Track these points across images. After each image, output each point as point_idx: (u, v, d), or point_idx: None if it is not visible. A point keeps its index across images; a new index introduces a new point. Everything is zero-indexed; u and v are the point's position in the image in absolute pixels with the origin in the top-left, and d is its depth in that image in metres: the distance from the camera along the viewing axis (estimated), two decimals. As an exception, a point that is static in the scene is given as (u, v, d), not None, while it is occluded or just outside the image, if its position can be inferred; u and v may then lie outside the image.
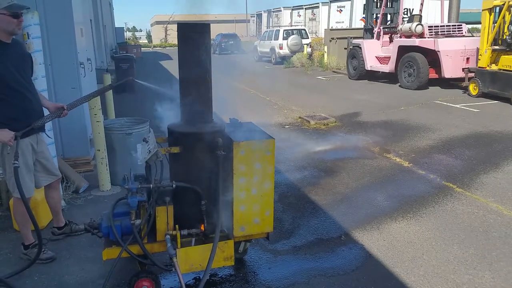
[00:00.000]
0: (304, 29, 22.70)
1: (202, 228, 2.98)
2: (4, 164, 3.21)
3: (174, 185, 2.86)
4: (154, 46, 51.16)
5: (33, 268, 3.25)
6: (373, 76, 13.65)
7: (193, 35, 2.89)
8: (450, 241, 3.56)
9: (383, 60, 13.02)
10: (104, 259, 2.85)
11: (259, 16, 38.05)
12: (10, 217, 3.94)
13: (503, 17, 9.43)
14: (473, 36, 11.92)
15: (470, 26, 13.14)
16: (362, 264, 3.29)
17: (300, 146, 6.58)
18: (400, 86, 12.05)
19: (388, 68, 12.56)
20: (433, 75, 11.35)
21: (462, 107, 9.04)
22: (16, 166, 2.91)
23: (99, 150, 4.81)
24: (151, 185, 2.85)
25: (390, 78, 12.89)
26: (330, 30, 19.65)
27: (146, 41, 62.54)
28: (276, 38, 21.11)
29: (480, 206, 4.21)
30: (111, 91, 7.10)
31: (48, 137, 3.87)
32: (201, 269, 2.86)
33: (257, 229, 3.05)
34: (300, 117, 8.53)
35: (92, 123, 4.82)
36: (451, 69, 10.93)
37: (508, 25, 9.47)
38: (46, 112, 3.42)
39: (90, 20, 14.60)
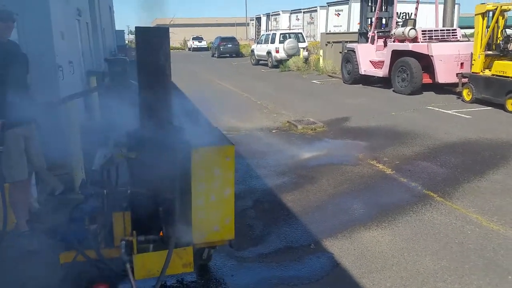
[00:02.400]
0: (301, 33, 22.64)
1: (161, 234, 2.90)
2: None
3: (129, 191, 2.79)
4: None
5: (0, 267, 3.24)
6: (368, 80, 13.56)
7: (152, 39, 2.81)
8: (423, 252, 3.45)
9: (377, 64, 12.94)
10: (61, 263, 2.78)
11: (258, 19, 38.03)
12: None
13: (496, 22, 9.36)
14: (470, 41, 11.82)
15: (471, 30, 12.96)
16: (328, 273, 3.19)
17: (284, 151, 6.48)
18: (394, 91, 11.96)
19: (382, 72, 12.47)
20: (427, 80, 11.25)
21: (454, 113, 8.94)
22: (0, 151, 3.24)
23: (74, 152, 4.74)
24: (105, 191, 2.77)
25: (384, 82, 12.80)
26: (326, 34, 19.58)
27: (147, 44, 62.70)
28: (273, 42, 21.05)
29: (459, 217, 4.10)
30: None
31: None
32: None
33: (217, 236, 2.96)
34: (288, 122, 8.43)
35: (68, 126, 4.76)
36: (444, 74, 10.82)
37: (501, 30, 9.39)
38: None
39: (86, 23, 14.58)
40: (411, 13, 13.93)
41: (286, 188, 4.95)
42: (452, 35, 11.82)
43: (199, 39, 46.64)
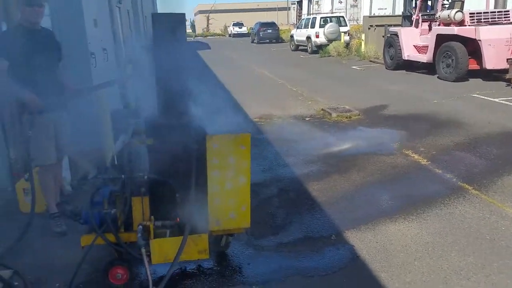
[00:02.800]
0: (343, 16, 22.04)
1: (177, 220, 2.93)
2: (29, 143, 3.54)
3: (146, 177, 2.82)
4: (196, 36, 51.77)
5: (29, 248, 3.41)
6: (412, 66, 13.01)
7: (168, 25, 2.80)
8: (449, 248, 3.29)
9: (421, 49, 12.38)
10: (83, 245, 2.87)
11: (299, 3, 37.34)
12: (17, 200, 4.10)
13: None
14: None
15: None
16: (346, 265, 3.11)
17: (315, 139, 6.36)
18: (438, 77, 11.43)
19: (426, 58, 11.92)
20: (474, 66, 10.63)
21: (502, 101, 8.42)
22: (29, 135, 3.38)
23: (105, 138, 4.85)
24: (123, 176, 2.83)
25: (429, 68, 12.21)
26: (369, 17, 18.94)
27: (191, 31, 63.49)
28: (313, 26, 20.62)
29: (494, 211, 3.87)
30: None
31: None
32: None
33: (233, 223, 2.96)
34: (322, 109, 8.26)
35: (99, 113, 4.88)
36: (493, 59, 10.17)
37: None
38: None
39: (127, 10, 14.87)
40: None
41: (314, 177, 4.87)
42: (505, 17, 11.05)
43: (240, 25, 46.61)
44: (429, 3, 12.90)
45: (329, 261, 3.18)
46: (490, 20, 10.90)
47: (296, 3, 38.87)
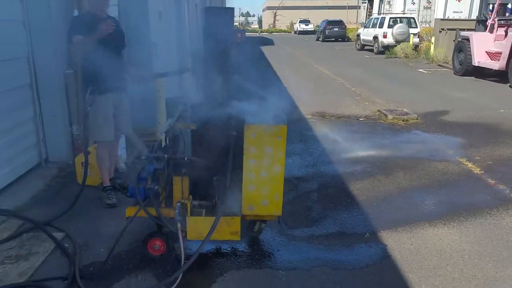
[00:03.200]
0: (413, 18, 21.26)
1: (214, 201, 3.10)
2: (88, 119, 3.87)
3: (186, 159, 3.01)
4: (261, 32, 52.17)
5: (81, 216, 3.77)
6: (482, 73, 12.34)
7: (217, 18, 2.96)
8: (486, 257, 3.19)
9: (494, 56, 11.70)
10: (127, 216, 3.10)
11: (370, 2, 36.41)
12: (76, 173, 4.47)
13: None
14: None
15: None
16: (375, 263, 3.12)
17: (365, 140, 6.30)
18: (510, 86, 10.78)
19: (498, 65, 11.26)
20: (551, 76, 9.93)
21: None
22: (87, 111, 3.69)
23: (159, 123, 5.16)
24: (165, 156, 3.03)
25: (501, 76, 11.53)
26: (441, 20, 18.12)
27: (257, 26, 64.12)
28: (381, 26, 20.10)
29: (543, 226, 3.68)
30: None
31: None
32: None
33: (265, 210, 3.07)
34: (378, 111, 8.13)
35: (155, 98, 5.20)
36: None
37: None
38: None
39: (196, 4, 15.35)
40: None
41: (357, 176, 4.85)
42: None
43: (306, 22, 46.35)
44: (510, 6, 12.12)
45: (359, 257, 3.20)
46: None
47: (366, 1, 37.97)
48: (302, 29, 44.88)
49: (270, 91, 3.35)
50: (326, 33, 30.62)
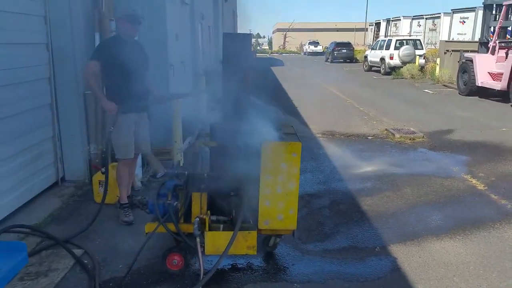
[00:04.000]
0: (419, 40, 21.64)
1: (231, 217, 3.27)
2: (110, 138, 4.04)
3: (205, 175, 3.20)
4: (272, 52, 52.90)
5: (98, 233, 3.88)
6: (485, 93, 12.55)
7: (235, 43, 3.19)
8: (491, 268, 3.33)
9: (496, 76, 11.94)
10: (146, 232, 3.26)
11: (377, 24, 37.04)
12: (92, 191, 4.64)
13: None
14: None
15: None
16: (385, 275, 3.27)
17: (374, 157, 6.48)
18: (511, 106, 10.97)
19: (500, 85, 11.50)
20: (553, 95, 10.11)
21: None
22: (111, 131, 3.87)
23: (175, 141, 5.37)
24: (186, 172, 3.23)
25: (504, 96, 11.75)
26: (446, 42, 18.46)
27: (267, 47, 65.00)
28: (388, 48, 20.47)
29: (547, 239, 3.82)
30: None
31: None
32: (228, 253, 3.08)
33: (281, 225, 3.23)
34: (386, 129, 8.32)
35: (173, 117, 5.41)
36: None
37: None
38: None
39: (208, 26, 15.76)
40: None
41: (366, 192, 5.02)
42: None
43: (315, 43, 47.04)
44: (510, 28, 12.43)
45: (370, 269, 3.35)
46: None
47: (374, 24, 38.59)
48: (311, 51, 45.56)
49: (280, 110, 3.55)
50: (335, 54, 31.11)
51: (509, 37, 12.23)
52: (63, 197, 4.72)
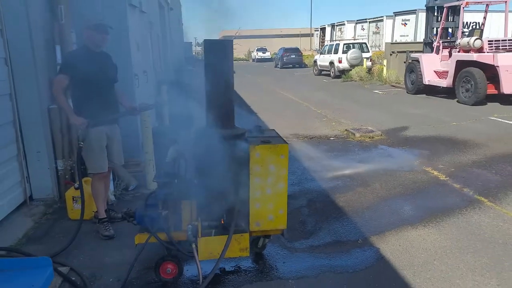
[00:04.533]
0: (365, 43, 22.60)
1: (222, 221, 3.34)
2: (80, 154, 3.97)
3: (195, 182, 3.26)
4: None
5: (81, 249, 3.80)
6: (432, 90, 13.37)
7: (217, 50, 3.28)
8: (465, 250, 3.62)
9: (441, 74, 12.75)
10: (136, 243, 3.26)
11: (322, 30, 38.23)
12: (66, 208, 4.52)
13: None
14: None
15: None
16: (372, 264, 3.47)
17: (340, 156, 6.76)
18: (457, 101, 11.75)
19: (446, 82, 12.28)
20: (492, 90, 10.96)
21: (519, 124, 8.70)
22: (80, 146, 3.83)
23: (147, 152, 5.35)
24: (176, 180, 3.26)
25: (449, 93, 12.58)
26: (391, 44, 19.40)
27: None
28: (336, 52, 21.23)
29: (506, 220, 4.19)
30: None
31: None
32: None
33: (271, 225, 3.33)
34: (346, 130, 8.67)
35: (141, 128, 5.38)
36: (510, 85, 10.50)
37: None
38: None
39: (158, 35, 15.63)
40: (480, 23, 13.56)
41: (339, 190, 5.24)
42: (522, 45, 11.40)
43: (263, 50, 47.65)
44: (450, 30, 13.32)
45: (357, 260, 3.54)
46: (507, 47, 11.24)
47: (319, 29, 39.75)
48: (260, 57, 46.06)
49: (242, 117, 3.64)
50: (284, 60, 31.70)
51: (449, 37, 13.11)
52: (35, 216, 4.58)
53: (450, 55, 12.50)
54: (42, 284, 1.81)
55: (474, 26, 17.67)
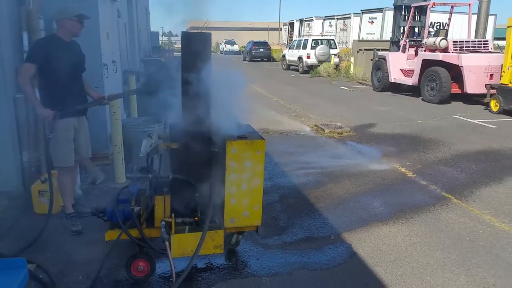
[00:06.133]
0: (333, 39, 22.84)
1: (196, 218, 3.27)
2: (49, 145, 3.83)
3: (170, 177, 3.17)
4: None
5: (47, 246, 3.66)
6: (398, 88, 13.68)
7: (195, 43, 3.19)
8: (435, 247, 3.71)
9: (407, 73, 13.06)
10: (107, 240, 3.15)
11: (291, 24, 38.39)
12: (32, 201, 4.34)
13: (528, 35, 9.38)
14: (501, 53, 11.80)
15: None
16: (345, 261, 3.50)
17: (310, 152, 6.79)
18: (422, 99, 12.07)
19: (411, 81, 12.59)
20: (456, 90, 11.32)
21: (480, 123, 9.03)
22: (50, 137, 3.70)
23: (116, 145, 5.18)
24: (150, 176, 3.17)
25: (414, 91, 12.92)
26: (359, 41, 19.72)
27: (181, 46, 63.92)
28: (304, 47, 21.37)
29: (473, 217, 4.33)
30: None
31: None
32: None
33: (246, 222, 3.31)
34: (315, 125, 8.73)
35: (111, 120, 5.20)
36: (473, 84, 10.89)
37: (533, 43, 9.41)
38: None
39: (124, 24, 15.22)
40: (445, 23, 13.98)
41: (311, 186, 5.27)
42: (484, 46, 11.84)
43: (232, 42, 47.38)
44: (416, 30, 13.65)
45: (330, 257, 3.56)
46: (471, 48, 11.65)
47: (287, 24, 39.88)
48: (228, 49, 45.76)
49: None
50: (253, 53, 31.65)
51: (415, 36, 13.43)
52: (-2, 210, 4.37)
53: (416, 54, 12.82)
54: (16, 287, 1.70)
55: (438, 27, 18.17)
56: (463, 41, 11.80)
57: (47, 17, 5.12)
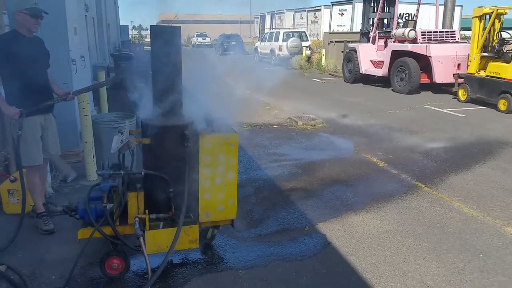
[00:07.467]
0: (304, 32, 22.97)
1: (170, 213, 3.24)
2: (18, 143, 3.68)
3: (143, 173, 3.13)
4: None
5: (18, 245, 3.55)
6: (368, 79, 13.89)
7: (165, 36, 3.14)
8: (406, 235, 3.81)
9: (377, 64, 13.27)
10: (79, 238, 3.10)
11: (262, 17, 38.34)
12: (1, 201, 4.22)
13: (492, 25, 9.66)
14: (468, 43, 12.12)
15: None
16: (319, 251, 3.54)
17: (283, 145, 6.83)
18: (392, 90, 12.30)
19: (381, 72, 12.80)
20: (425, 80, 11.59)
21: (449, 111, 9.27)
22: (19, 135, 3.55)
23: (86, 142, 5.07)
24: (122, 172, 3.12)
25: (384, 82, 13.14)
26: (329, 33, 19.87)
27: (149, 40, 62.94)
28: (276, 40, 21.43)
29: (443, 205, 4.45)
30: (105, 87, 7.37)
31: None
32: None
33: (221, 215, 3.31)
34: (289, 118, 8.78)
35: (80, 116, 5.08)
36: (442, 74, 11.16)
37: (497, 33, 9.70)
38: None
39: (93, 18, 14.87)
40: (413, 14, 14.24)
41: (285, 178, 5.30)
42: (451, 37, 12.13)
43: (203, 35, 46.94)
44: (385, 21, 13.85)
45: (305, 248, 3.60)
46: (439, 38, 11.91)
47: (259, 17, 39.79)
48: (199, 43, 45.32)
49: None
50: (225, 46, 31.42)
51: (385, 28, 13.63)
52: (-36, 211, 4.22)
53: (386, 45, 13.03)
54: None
55: (407, 18, 18.48)
56: (431, 32, 12.05)
57: (11, 13, 4.95)
